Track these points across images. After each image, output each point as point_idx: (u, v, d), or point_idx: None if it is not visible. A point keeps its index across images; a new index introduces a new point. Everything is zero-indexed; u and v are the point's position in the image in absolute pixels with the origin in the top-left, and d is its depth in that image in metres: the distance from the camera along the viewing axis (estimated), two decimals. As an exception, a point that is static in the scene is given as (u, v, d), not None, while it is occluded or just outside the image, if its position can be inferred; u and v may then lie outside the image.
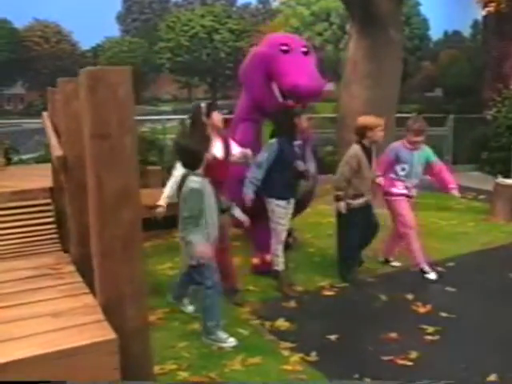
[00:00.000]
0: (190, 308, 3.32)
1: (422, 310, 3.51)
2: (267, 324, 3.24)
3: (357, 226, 3.71)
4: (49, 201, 3.59)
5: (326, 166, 5.96)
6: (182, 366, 2.71)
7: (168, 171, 3.53)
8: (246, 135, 3.91)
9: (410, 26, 34.97)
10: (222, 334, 2.96)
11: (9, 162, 6.38)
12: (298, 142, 3.53)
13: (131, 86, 1.73)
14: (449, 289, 3.91)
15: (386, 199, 4.07)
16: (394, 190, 4.02)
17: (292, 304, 3.56)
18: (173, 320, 3.27)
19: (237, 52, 44.18)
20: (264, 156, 3.42)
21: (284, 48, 3.94)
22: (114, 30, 71.48)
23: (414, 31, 35.22)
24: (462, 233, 5.50)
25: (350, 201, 3.72)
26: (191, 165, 2.77)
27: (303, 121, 3.49)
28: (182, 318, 3.30)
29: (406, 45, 32.03)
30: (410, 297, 3.70)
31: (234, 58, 40.91)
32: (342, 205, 3.68)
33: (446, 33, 37.35)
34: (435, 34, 32.73)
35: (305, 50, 4.04)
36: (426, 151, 4.10)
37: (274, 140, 3.49)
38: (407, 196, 4.06)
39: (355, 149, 3.71)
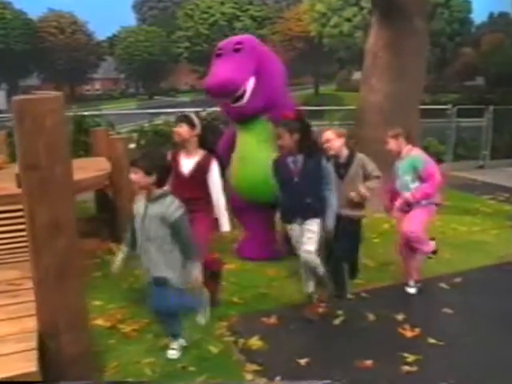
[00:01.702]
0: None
1: (408, 333, 3.38)
2: (241, 342, 3.30)
3: (335, 239, 3.69)
4: (20, 206, 3.65)
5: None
6: (142, 384, 2.83)
7: None
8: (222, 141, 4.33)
9: (450, 8, 34.09)
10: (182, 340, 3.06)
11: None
12: (293, 158, 3.35)
13: (62, 113, 1.84)
14: (446, 310, 3.73)
15: None
16: (397, 205, 3.96)
17: (272, 320, 3.54)
18: (147, 332, 3.37)
19: (259, 40, 44.04)
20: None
21: (218, 52, 4.15)
22: (130, 19, 72.51)
23: (453, 14, 34.27)
24: (480, 242, 5.26)
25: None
26: (160, 182, 2.67)
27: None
28: (157, 330, 3.37)
29: (445, 30, 31.32)
30: (399, 317, 3.59)
31: (255, 47, 41.03)
32: None
33: (491, 15, 35.96)
34: (478, 16, 31.53)
35: (236, 47, 4.07)
36: (412, 159, 3.84)
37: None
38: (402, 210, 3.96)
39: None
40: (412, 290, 4.06)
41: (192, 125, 3.17)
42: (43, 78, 47.05)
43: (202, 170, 3.21)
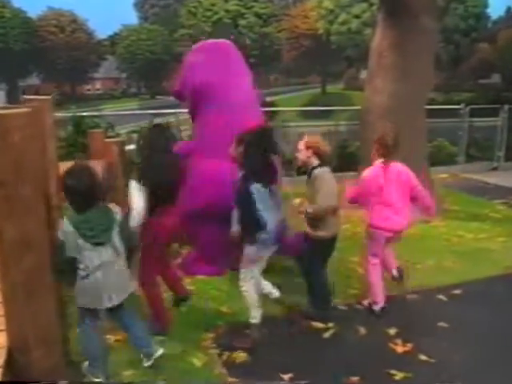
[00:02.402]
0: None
1: (399, 349, 3.32)
2: (225, 354, 3.28)
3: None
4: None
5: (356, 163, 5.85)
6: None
7: None
8: None
9: (464, 3, 33.85)
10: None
11: None
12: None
13: (31, 129, 1.88)
14: (442, 324, 3.63)
15: None
16: None
17: (261, 332, 3.50)
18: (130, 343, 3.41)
19: (264, 38, 44.41)
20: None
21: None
22: (132, 17, 72.88)
23: (468, 9, 33.97)
24: (486, 250, 5.10)
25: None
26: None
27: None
28: None
29: (459, 26, 31.14)
30: (392, 331, 3.53)
31: (260, 45, 41.08)
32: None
33: (508, 9, 35.49)
34: (495, 11, 31.20)
35: None
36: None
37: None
38: None
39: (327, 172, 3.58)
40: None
41: None
42: (43, 78, 47.48)
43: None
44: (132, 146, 6.34)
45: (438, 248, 5.16)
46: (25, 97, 3.95)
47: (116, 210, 2.74)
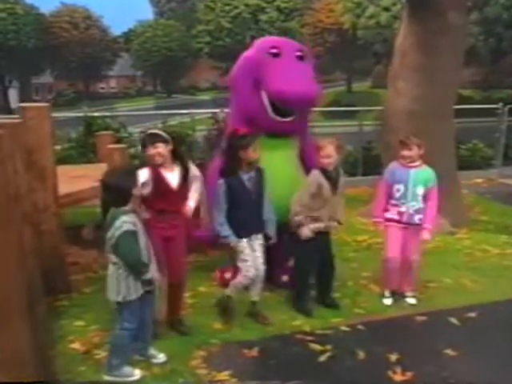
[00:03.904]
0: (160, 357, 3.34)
1: (398, 377, 3.18)
2: (214, 375, 3.22)
3: (310, 252, 3.90)
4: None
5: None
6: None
7: (199, 169, 3.68)
8: None
9: (508, -8, 33.01)
10: (127, 369, 3.12)
11: None
12: (248, 175, 3.61)
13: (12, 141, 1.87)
14: (449, 352, 3.45)
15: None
16: (386, 215, 4.04)
17: (254, 352, 3.46)
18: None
19: (286, 34, 44.40)
20: (216, 199, 3.62)
21: (273, 51, 4.02)
22: (147, 13, 73.67)
23: (512, -2, 33.24)
24: (511, 268, 4.93)
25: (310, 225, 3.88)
26: (118, 202, 2.92)
27: (251, 152, 3.51)
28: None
29: (501, 17, 30.44)
30: (393, 357, 3.39)
31: (282, 41, 41.12)
32: (305, 230, 3.84)
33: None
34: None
35: (299, 54, 4.09)
36: (429, 172, 4.02)
37: (220, 181, 3.62)
38: (399, 222, 3.98)
39: (315, 174, 3.83)
40: (387, 301, 4.15)
41: (166, 141, 3.34)
42: (56, 76, 48.50)
43: (186, 178, 3.46)
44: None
45: (457, 264, 5.01)
46: (20, 105, 4.03)
47: None
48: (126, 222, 2.87)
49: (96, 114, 8.23)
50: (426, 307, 4.09)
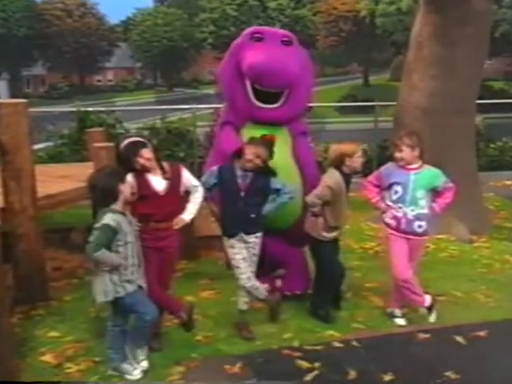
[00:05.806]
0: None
1: None
2: None
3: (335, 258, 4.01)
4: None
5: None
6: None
7: (199, 168, 3.73)
8: (229, 141, 4.09)
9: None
10: (126, 366, 3.26)
11: None
12: (243, 173, 3.68)
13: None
14: (449, 375, 3.31)
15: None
16: (384, 219, 3.97)
17: (235, 368, 3.39)
18: (92, 374, 3.31)
19: (297, 22, 44.37)
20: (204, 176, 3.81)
21: (257, 35, 4.18)
22: (147, 0, 73.99)
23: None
24: None
25: (325, 233, 3.93)
26: (105, 201, 3.06)
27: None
28: (103, 371, 3.33)
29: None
30: (386, 378, 3.29)
31: (292, 30, 41.19)
32: (321, 221, 3.89)
33: None
34: None
35: (285, 39, 4.21)
36: (429, 172, 3.93)
37: (216, 166, 3.77)
38: (397, 230, 3.89)
39: (336, 176, 3.86)
40: (401, 322, 4.04)
41: (146, 145, 3.40)
42: (49, 67, 48.83)
43: (174, 182, 3.49)
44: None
45: (472, 276, 4.88)
46: None
47: None
48: (110, 217, 3.01)
49: (90, 109, 8.28)
50: (430, 323, 3.99)
